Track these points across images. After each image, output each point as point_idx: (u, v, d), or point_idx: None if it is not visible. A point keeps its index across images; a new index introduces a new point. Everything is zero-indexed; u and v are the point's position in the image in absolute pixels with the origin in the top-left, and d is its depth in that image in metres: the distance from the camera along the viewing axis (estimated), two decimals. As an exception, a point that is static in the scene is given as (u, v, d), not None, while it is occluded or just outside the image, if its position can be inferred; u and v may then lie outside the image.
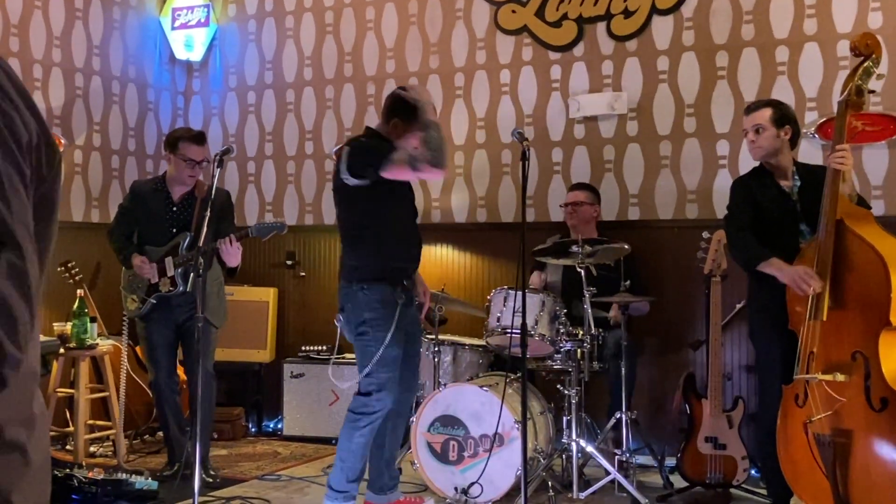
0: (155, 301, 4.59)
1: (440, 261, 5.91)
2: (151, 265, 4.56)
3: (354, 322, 3.82)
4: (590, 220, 5.08)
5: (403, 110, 3.83)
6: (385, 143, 3.78)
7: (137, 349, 5.34)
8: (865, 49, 3.61)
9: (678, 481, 4.43)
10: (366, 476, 4.03)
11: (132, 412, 5.45)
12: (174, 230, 4.61)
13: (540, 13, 5.61)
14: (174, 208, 4.65)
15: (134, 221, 4.73)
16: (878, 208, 4.68)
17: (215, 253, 4.41)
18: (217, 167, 3.97)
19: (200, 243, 3.83)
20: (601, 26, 5.48)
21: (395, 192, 3.86)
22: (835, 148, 3.55)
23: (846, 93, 3.60)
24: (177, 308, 4.60)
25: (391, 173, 3.63)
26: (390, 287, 3.79)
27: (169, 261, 4.55)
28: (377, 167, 3.62)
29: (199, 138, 4.62)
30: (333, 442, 5.63)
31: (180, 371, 4.86)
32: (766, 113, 3.88)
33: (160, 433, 5.16)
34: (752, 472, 4.35)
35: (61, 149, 5.58)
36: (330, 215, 6.24)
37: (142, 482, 4.19)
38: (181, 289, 4.50)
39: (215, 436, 5.47)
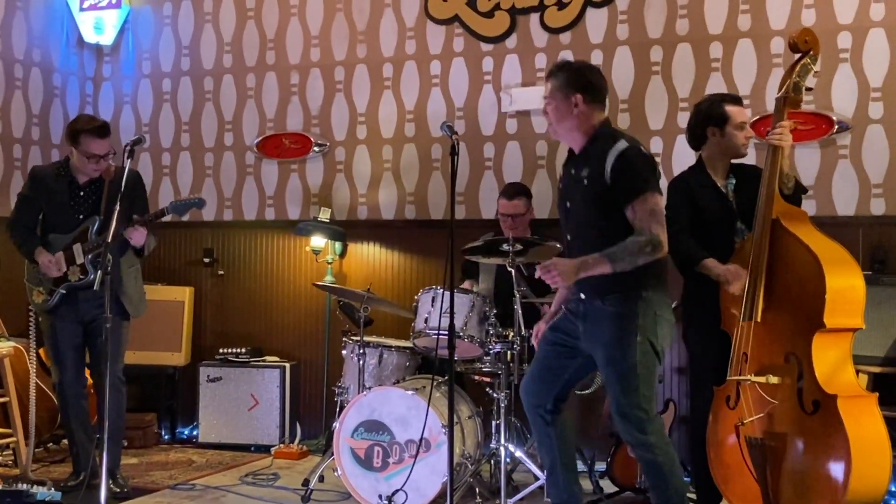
0: (64, 291, 4.45)
1: (366, 259, 5.88)
2: (58, 256, 4.42)
3: None
4: (527, 227, 5.09)
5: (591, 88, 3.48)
6: None
7: (41, 351, 5.18)
8: (804, 45, 3.69)
9: (608, 486, 4.49)
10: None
11: (35, 418, 5.28)
12: (81, 216, 4.49)
13: (472, 2, 5.63)
14: (81, 193, 4.51)
15: (37, 210, 4.57)
16: (809, 208, 4.78)
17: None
18: (127, 158, 3.87)
19: (109, 238, 3.73)
20: (534, 17, 5.52)
21: None
22: (774, 125, 3.63)
23: (784, 89, 3.68)
24: (84, 303, 4.47)
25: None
26: None
27: (78, 247, 4.43)
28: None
29: (102, 131, 4.45)
30: (252, 449, 5.59)
31: (88, 374, 4.73)
32: None
33: (65, 441, 5.02)
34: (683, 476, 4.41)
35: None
36: (250, 210, 6.15)
37: (44, 493, 4.07)
38: (92, 276, 4.36)
39: (125, 443, 5.34)
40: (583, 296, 3.46)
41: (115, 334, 4.24)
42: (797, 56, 3.71)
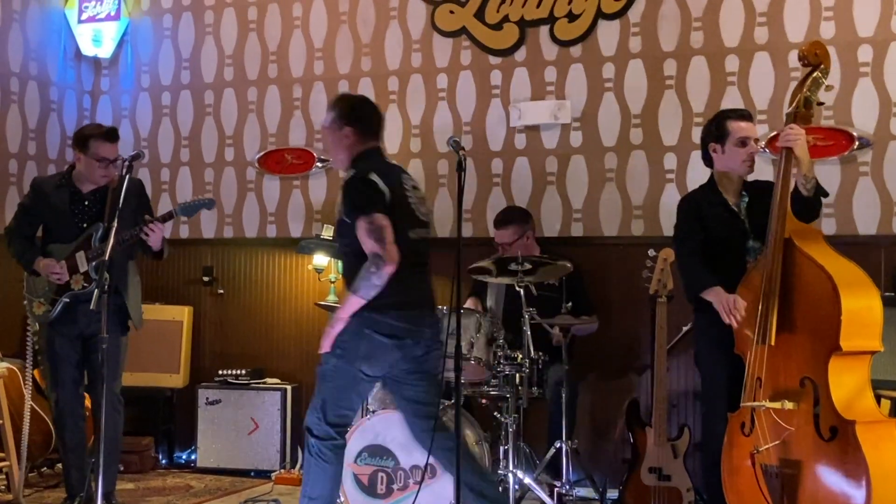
0: (67, 300, 4.49)
1: (370, 278, 5.89)
2: (61, 264, 4.48)
3: None
4: (534, 245, 5.10)
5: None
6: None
7: (36, 372, 5.22)
8: (814, 59, 3.73)
9: (621, 515, 4.50)
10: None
11: (28, 442, 5.32)
12: (84, 225, 4.55)
13: (480, 14, 5.67)
14: (86, 202, 4.58)
15: (36, 220, 4.64)
16: (829, 227, 4.82)
17: (138, 242, 4.42)
18: (126, 174, 3.93)
19: (106, 256, 3.78)
20: (544, 30, 5.56)
21: None
22: (785, 128, 3.67)
23: (794, 104, 3.72)
24: (83, 318, 4.50)
25: None
26: None
27: (81, 255, 4.48)
28: None
29: (112, 135, 4.58)
30: (252, 474, 5.60)
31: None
32: None
33: (59, 465, 5.05)
34: (698, 504, 4.42)
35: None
36: (251, 228, 6.20)
37: (37, 520, 4.10)
38: (95, 286, 4.40)
39: (121, 468, 5.37)
40: None
41: (114, 350, 4.27)
42: (807, 70, 3.74)
